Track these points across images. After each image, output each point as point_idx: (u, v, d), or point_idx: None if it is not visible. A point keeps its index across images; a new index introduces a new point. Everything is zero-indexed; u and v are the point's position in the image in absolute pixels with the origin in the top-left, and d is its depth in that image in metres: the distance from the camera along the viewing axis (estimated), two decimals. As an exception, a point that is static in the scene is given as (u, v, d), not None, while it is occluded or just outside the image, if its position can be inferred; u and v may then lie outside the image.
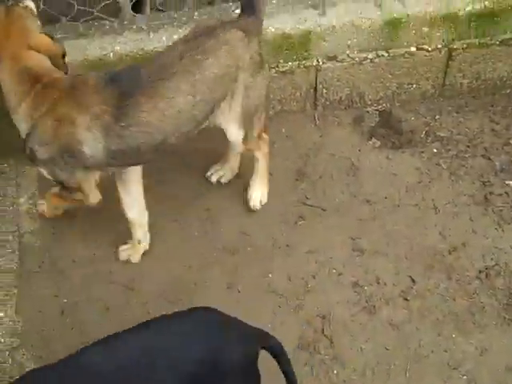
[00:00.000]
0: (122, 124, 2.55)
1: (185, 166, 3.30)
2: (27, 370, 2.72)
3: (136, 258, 3.04)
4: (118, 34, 3.25)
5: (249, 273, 3.01)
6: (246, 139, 2.94)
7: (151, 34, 3.26)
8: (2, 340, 2.82)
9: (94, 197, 2.82)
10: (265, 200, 3.20)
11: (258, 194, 3.18)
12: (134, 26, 3.28)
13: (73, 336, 2.83)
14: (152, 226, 3.06)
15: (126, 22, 3.30)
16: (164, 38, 3.24)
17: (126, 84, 2.58)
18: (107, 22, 3.30)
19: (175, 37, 3.20)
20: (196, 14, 3.35)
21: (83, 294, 2.96)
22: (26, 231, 3.15)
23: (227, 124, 2.84)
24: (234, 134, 2.89)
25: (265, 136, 3.07)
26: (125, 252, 3.05)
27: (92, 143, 2.57)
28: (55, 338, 2.83)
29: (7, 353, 2.78)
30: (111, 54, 3.20)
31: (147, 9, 3.62)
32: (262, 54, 2.85)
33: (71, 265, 3.05)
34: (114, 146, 2.58)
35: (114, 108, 2.54)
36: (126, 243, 3.05)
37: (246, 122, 2.87)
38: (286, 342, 2.71)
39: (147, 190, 2.98)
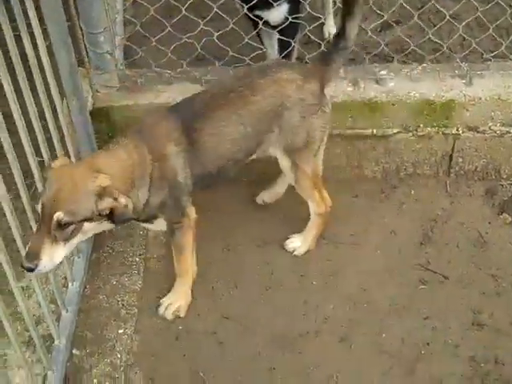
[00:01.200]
0: (195, 148, 2.77)
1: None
2: (137, 388, 2.85)
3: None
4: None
5: (362, 329, 2.99)
6: (296, 176, 3.05)
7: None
8: (119, 355, 2.93)
9: (193, 213, 2.95)
10: (299, 253, 3.26)
11: (297, 243, 3.27)
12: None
13: (184, 363, 2.91)
14: (278, 274, 3.18)
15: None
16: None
17: (186, 114, 2.79)
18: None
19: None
20: (341, 71, 3.42)
21: (198, 324, 3.04)
22: (152, 256, 3.29)
23: (276, 153, 3.00)
24: (282, 163, 3.03)
25: (325, 195, 3.15)
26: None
27: (182, 171, 2.77)
28: (167, 362, 2.91)
29: (121, 368, 2.89)
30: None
31: (293, 59, 3.76)
32: (323, 99, 2.94)
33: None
34: (197, 172, 2.81)
35: (183, 134, 2.75)
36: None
37: (294, 155, 2.99)
38: (394, 404, 2.71)
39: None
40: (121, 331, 3.00)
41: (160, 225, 2.90)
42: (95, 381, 2.85)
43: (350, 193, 3.54)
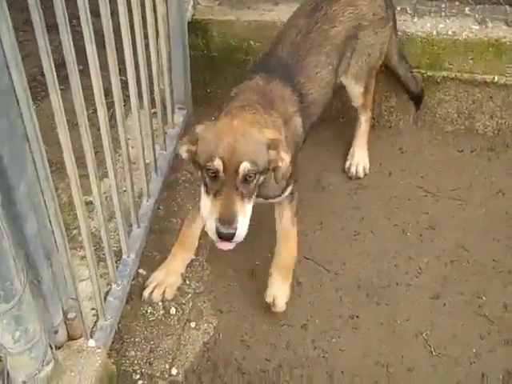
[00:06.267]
0: (304, 105, 2.49)
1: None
2: (204, 318, 2.61)
3: None
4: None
5: (460, 289, 2.68)
6: (365, 98, 2.94)
7: (415, 19, 3.06)
8: (188, 282, 2.70)
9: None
10: (367, 169, 3.07)
11: (360, 162, 3.07)
12: (399, 8, 3.09)
13: (256, 299, 2.65)
14: (369, 221, 2.92)
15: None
16: (428, 25, 3.03)
17: (283, 71, 2.47)
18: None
19: (441, 26, 3.02)
20: (467, 8, 3.10)
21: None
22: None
23: (347, 81, 2.83)
24: (354, 90, 2.89)
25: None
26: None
27: (299, 127, 2.49)
28: (238, 297, 2.67)
29: (189, 295, 2.66)
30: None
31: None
32: (388, 11, 2.78)
33: (273, 230, 2.87)
34: (305, 126, 2.53)
35: (294, 91, 2.46)
36: None
37: (365, 76, 2.83)
38: (490, 370, 2.41)
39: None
40: (193, 257, 2.77)
41: (283, 198, 2.51)
42: (160, 303, 2.63)
43: (456, 146, 3.22)
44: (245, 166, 2.08)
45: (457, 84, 3.11)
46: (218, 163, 2.07)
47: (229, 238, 2.08)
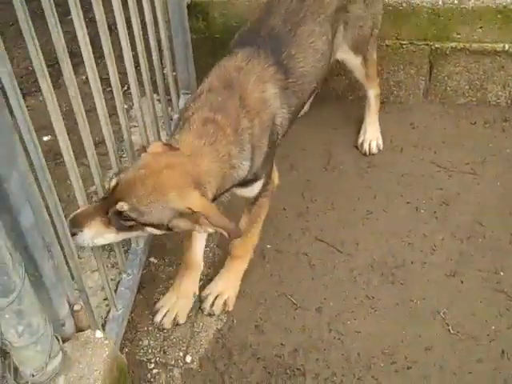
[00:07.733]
0: (291, 80, 2.36)
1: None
2: (217, 304, 2.57)
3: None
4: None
5: (476, 265, 2.61)
6: (367, 69, 2.87)
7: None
8: (202, 268, 2.66)
9: (277, 177, 2.52)
10: (381, 145, 3.03)
11: (373, 138, 3.03)
12: (402, -21, 3.00)
13: (270, 283, 2.61)
14: (381, 199, 2.86)
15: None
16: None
17: (271, 43, 2.33)
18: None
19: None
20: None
21: (289, 244, 2.73)
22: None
23: (344, 54, 2.74)
24: (352, 62, 2.81)
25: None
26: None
27: (279, 110, 2.32)
28: (252, 281, 2.62)
29: (201, 282, 2.62)
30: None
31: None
32: None
33: (282, 212, 2.83)
34: (293, 105, 2.39)
35: (278, 69, 2.31)
36: None
37: (362, 47, 2.76)
38: (511, 347, 2.34)
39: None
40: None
41: (256, 188, 2.37)
42: (172, 291, 2.60)
43: (469, 119, 3.14)
44: (121, 206, 1.98)
45: (466, 55, 3.02)
46: (113, 182, 2.02)
47: (71, 233, 1.99)
